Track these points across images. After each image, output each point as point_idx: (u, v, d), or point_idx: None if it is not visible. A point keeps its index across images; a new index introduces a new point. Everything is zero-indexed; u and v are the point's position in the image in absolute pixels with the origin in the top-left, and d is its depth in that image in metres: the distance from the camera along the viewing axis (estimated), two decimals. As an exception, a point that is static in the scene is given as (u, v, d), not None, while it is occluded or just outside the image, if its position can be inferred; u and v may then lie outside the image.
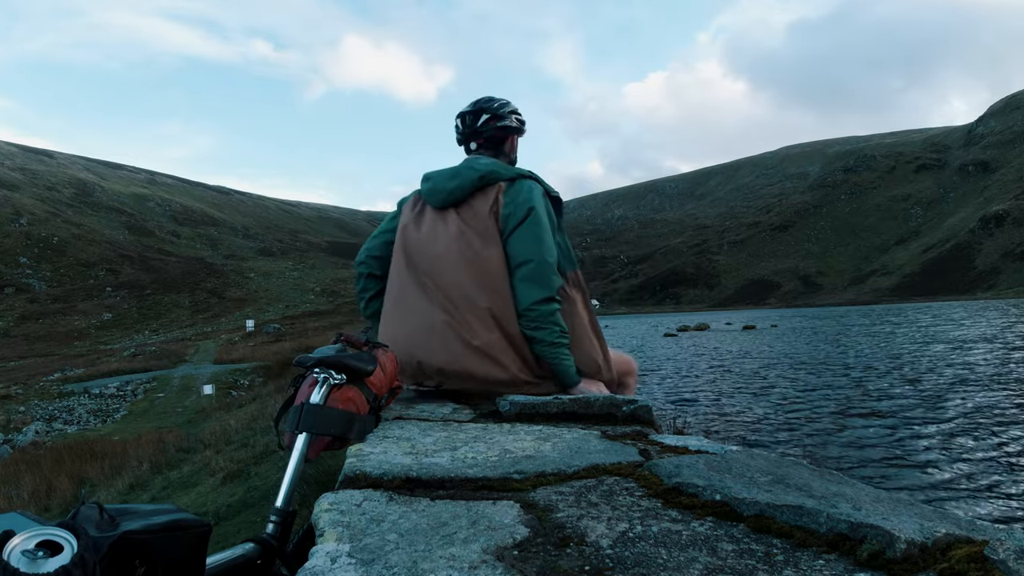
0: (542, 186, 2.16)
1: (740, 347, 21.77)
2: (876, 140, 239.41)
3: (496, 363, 1.98)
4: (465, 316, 1.99)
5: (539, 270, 2.00)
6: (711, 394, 11.08)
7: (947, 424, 7.57)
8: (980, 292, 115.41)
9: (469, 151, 2.34)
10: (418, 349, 2.01)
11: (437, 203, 2.16)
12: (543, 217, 2.06)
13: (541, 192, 2.14)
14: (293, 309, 69.77)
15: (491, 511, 1.00)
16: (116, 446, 12.27)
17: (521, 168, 2.22)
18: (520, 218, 2.03)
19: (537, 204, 2.06)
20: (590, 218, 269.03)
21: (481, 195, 2.10)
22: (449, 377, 2.02)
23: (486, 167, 2.12)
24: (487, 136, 2.28)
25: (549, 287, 2.00)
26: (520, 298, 2.00)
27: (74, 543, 0.69)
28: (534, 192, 2.10)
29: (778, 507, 0.93)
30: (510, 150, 2.34)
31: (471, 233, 2.05)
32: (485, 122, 2.27)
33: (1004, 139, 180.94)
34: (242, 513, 4.92)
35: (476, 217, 2.07)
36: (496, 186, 2.09)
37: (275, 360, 23.68)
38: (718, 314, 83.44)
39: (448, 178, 2.15)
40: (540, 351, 2.02)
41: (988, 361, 13.58)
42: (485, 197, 2.09)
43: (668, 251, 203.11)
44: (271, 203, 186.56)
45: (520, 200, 2.06)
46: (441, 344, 1.99)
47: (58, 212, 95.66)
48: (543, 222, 2.05)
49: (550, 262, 2.01)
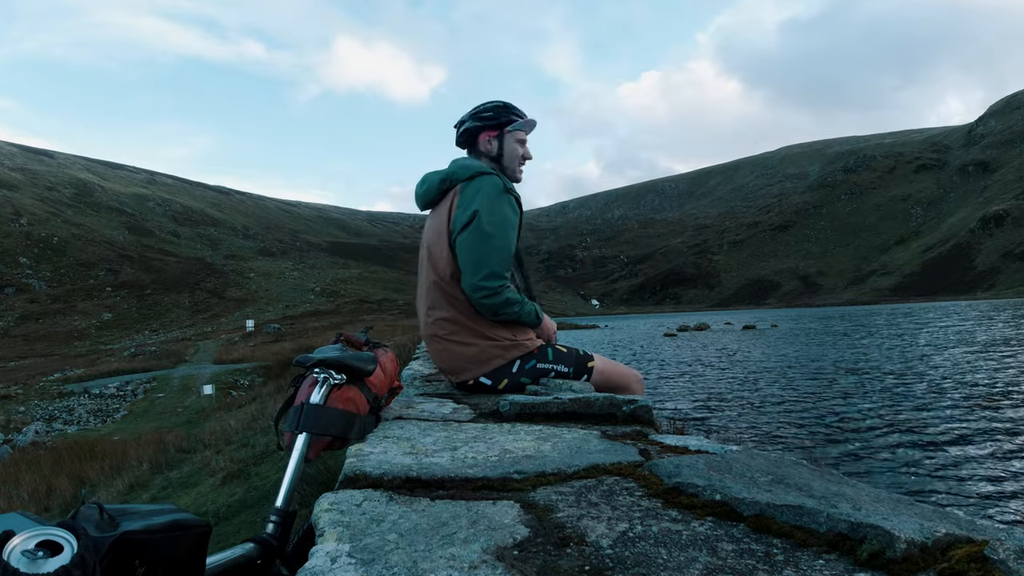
0: (501, 181, 2.27)
1: (740, 347, 21.77)
2: (876, 140, 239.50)
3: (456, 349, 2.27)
4: (435, 310, 2.31)
5: (476, 273, 2.17)
6: (711, 394, 11.09)
7: (948, 424, 7.57)
8: (980, 292, 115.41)
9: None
10: (423, 326, 2.40)
11: (419, 206, 2.49)
12: (485, 218, 2.18)
13: (497, 188, 2.23)
14: (293, 309, 69.77)
15: (491, 511, 1.00)
16: (116, 446, 12.27)
17: (483, 166, 2.32)
18: (464, 222, 2.19)
19: (483, 206, 2.18)
20: (590, 218, 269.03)
21: (445, 197, 2.32)
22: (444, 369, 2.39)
23: (448, 171, 2.33)
24: (462, 143, 2.49)
25: (483, 287, 2.17)
26: (469, 295, 2.21)
27: (74, 543, 0.69)
28: (482, 191, 2.21)
29: (778, 507, 0.93)
30: (486, 149, 2.45)
31: (437, 232, 2.30)
32: (459, 132, 2.48)
33: (1004, 139, 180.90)
34: (242, 513, 4.92)
35: (439, 218, 2.30)
36: (455, 189, 2.28)
37: (275, 360, 23.68)
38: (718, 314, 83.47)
39: (420, 184, 2.44)
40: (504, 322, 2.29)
41: (990, 362, 13.58)
42: (446, 200, 2.30)
43: (668, 251, 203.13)
44: (271, 203, 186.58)
45: (468, 203, 2.21)
46: (431, 325, 2.34)
47: (58, 212, 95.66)
48: (484, 224, 2.18)
49: (486, 264, 2.16)
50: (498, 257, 2.17)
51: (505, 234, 2.20)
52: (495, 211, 2.19)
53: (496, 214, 2.19)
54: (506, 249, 2.20)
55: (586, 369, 2.37)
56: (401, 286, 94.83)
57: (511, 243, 2.23)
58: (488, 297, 2.17)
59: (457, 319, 2.26)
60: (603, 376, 2.40)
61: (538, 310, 2.37)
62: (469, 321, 2.26)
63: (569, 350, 2.39)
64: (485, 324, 2.27)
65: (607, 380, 2.40)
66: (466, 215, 2.18)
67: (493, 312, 2.23)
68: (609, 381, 2.40)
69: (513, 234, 2.25)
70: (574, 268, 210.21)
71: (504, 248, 2.19)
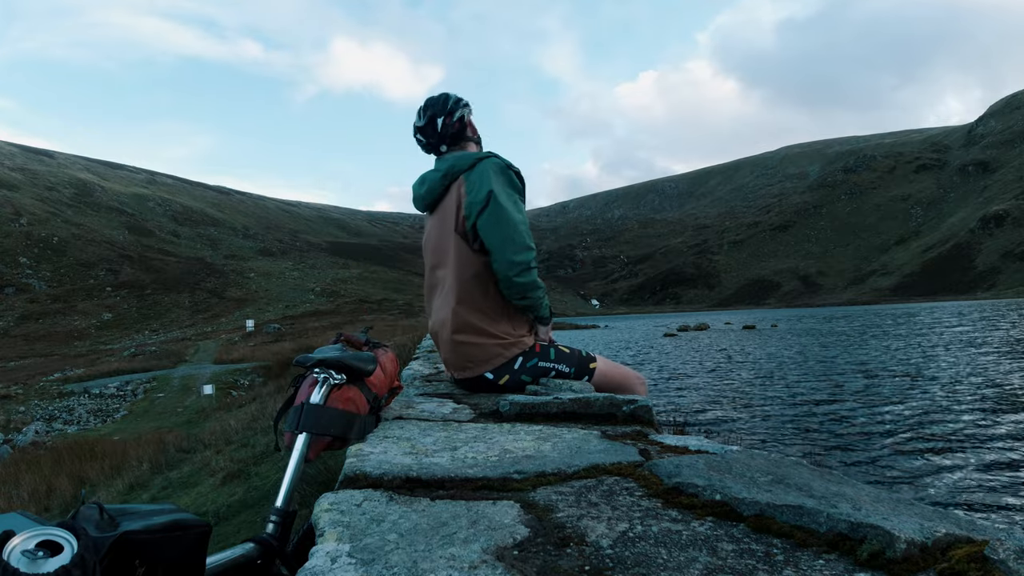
0: (501, 160, 2.28)
1: (740, 347, 21.77)
2: (876, 140, 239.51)
3: (468, 348, 2.26)
4: (444, 305, 2.30)
5: (508, 249, 2.16)
6: (711, 394, 11.08)
7: (948, 425, 7.57)
8: (980, 292, 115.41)
9: (440, 154, 2.44)
10: (432, 320, 2.41)
11: (420, 208, 2.46)
12: (502, 196, 2.18)
13: (499, 167, 2.25)
14: (293, 309, 69.75)
15: (491, 511, 1.00)
16: (116, 446, 12.26)
17: (479, 152, 2.34)
18: (480, 204, 2.18)
19: (495, 185, 2.18)
20: (590, 218, 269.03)
21: (448, 192, 2.31)
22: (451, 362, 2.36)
23: (447, 164, 2.32)
24: (451, 135, 2.40)
25: (518, 263, 2.16)
26: (499, 275, 2.20)
27: (74, 543, 0.69)
28: (488, 172, 2.21)
29: (778, 507, 0.93)
30: (472, 132, 2.47)
31: (446, 227, 2.28)
32: (444, 125, 2.38)
33: (1004, 139, 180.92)
34: (242, 513, 4.92)
35: (447, 212, 2.29)
36: (458, 180, 2.27)
37: (275, 360, 23.68)
38: (718, 314, 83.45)
39: (418, 185, 2.41)
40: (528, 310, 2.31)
41: (991, 362, 13.58)
42: (451, 194, 2.29)
43: (668, 251, 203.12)
44: (271, 203, 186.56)
45: (479, 186, 2.20)
46: (440, 319, 2.33)
47: (58, 212, 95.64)
48: (502, 201, 2.17)
49: (516, 239, 2.16)
50: (523, 229, 2.19)
51: (519, 208, 2.24)
52: (507, 188, 2.22)
53: (509, 190, 2.22)
54: (524, 222, 2.22)
55: (588, 370, 2.38)
56: (401, 286, 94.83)
57: (525, 216, 2.26)
58: (522, 274, 2.17)
59: (463, 316, 2.26)
60: (604, 377, 2.40)
61: (551, 309, 2.40)
62: (475, 318, 2.26)
63: (572, 351, 2.39)
64: (490, 321, 2.27)
65: (608, 381, 2.40)
66: (480, 196, 2.17)
67: (522, 292, 2.21)
68: (611, 382, 2.40)
69: (524, 208, 2.29)
70: (574, 268, 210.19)
71: (524, 221, 2.22)
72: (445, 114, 2.38)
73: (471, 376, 2.31)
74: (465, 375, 2.33)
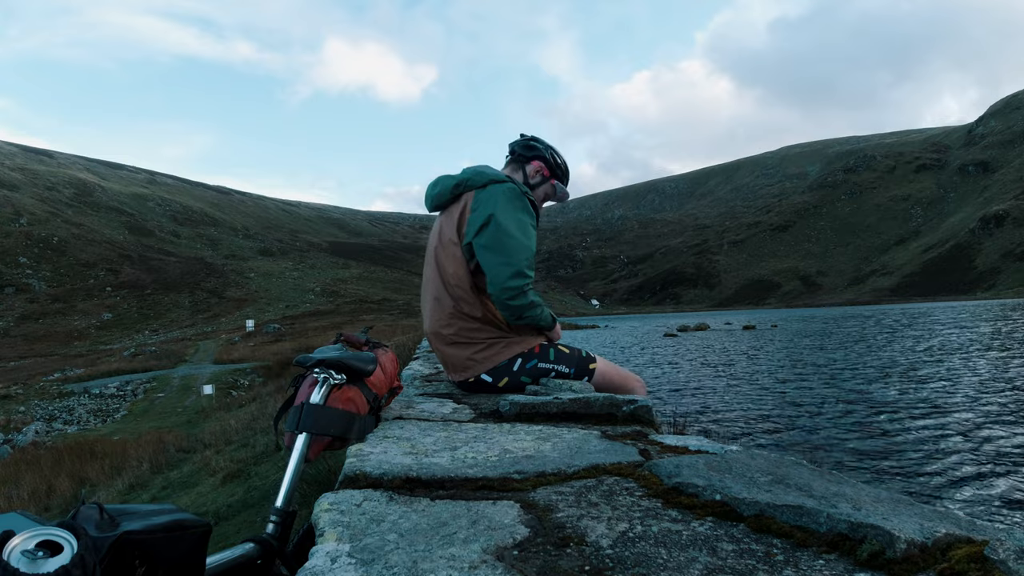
0: (517, 187, 2.29)
1: (740, 347, 21.77)
2: (876, 140, 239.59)
3: (465, 350, 2.29)
4: (439, 308, 2.32)
5: (502, 273, 2.17)
6: (711, 394, 11.08)
7: (949, 425, 7.57)
8: (980, 292, 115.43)
9: (506, 159, 2.61)
10: (428, 324, 2.41)
11: (428, 207, 2.49)
12: (506, 220, 2.20)
13: (512, 192, 2.25)
14: (293, 309, 69.76)
15: (491, 511, 1.00)
16: (116, 446, 12.27)
17: (498, 174, 2.35)
18: (480, 225, 2.20)
19: (499, 209, 2.20)
20: (590, 218, 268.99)
21: (457, 202, 2.34)
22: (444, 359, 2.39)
23: (465, 176, 2.34)
24: (517, 152, 2.55)
25: (511, 288, 2.18)
26: (493, 297, 2.22)
27: (74, 543, 0.69)
28: (497, 196, 2.23)
29: (778, 507, 0.93)
30: (531, 175, 2.51)
31: (446, 235, 2.31)
32: (523, 145, 2.55)
33: (1004, 139, 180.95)
34: (242, 513, 4.92)
35: (450, 221, 2.32)
36: (468, 194, 2.30)
37: (275, 360, 23.70)
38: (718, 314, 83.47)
39: (432, 186, 2.45)
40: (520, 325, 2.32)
41: (992, 362, 13.58)
42: (458, 203, 2.32)
43: (668, 251, 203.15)
44: (271, 203, 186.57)
45: (483, 207, 2.22)
46: (436, 323, 2.35)
47: (58, 212, 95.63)
48: (505, 226, 2.19)
49: (512, 264, 2.17)
50: (521, 256, 2.18)
51: (525, 233, 2.22)
52: (511, 212, 2.21)
53: (512, 215, 2.21)
54: (527, 248, 2.21)
55: (588, 371, 2.38)
56: (401, 286, 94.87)
57: (531, 242, 2.24)
58: (514, 298, 2.17)
59: (460, 317, 2.28)
60: (604, 378, 2.40)
61: (552, 314, 2.39)
62: (472, 320, 2.27)
63: (572, 351, 2.39)
64: (486, 323, 2.28)
65: (608, 382, 2.40)
66: (481, 218, 2.19)
67: (517, 315, 2.23)
68: (611, 383, 2.40)
69: (532, 234, 2.27)
70: (574, 268, 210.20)
71: (525, 248, 2.20)
72: (532, 144, 2.53)
73: (469, 378, 2.32)
74: (463, 377, 2.34)
